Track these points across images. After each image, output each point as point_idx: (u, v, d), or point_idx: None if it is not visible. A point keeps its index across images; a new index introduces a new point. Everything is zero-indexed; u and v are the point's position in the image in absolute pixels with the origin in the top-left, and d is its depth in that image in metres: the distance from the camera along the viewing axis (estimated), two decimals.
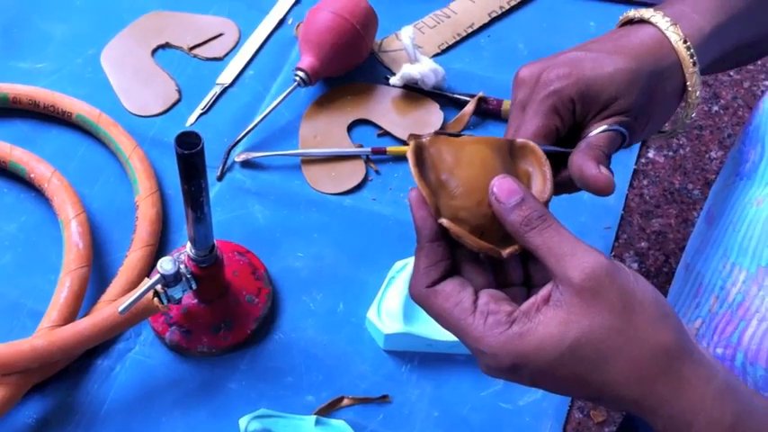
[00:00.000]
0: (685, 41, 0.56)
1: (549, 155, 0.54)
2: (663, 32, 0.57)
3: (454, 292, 0.48)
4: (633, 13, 0.59)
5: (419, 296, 0.49)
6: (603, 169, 0.54)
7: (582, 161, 0.54)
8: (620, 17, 0.60)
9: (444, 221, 0.48)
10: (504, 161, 0.51)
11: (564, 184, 0.57)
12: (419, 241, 0.49)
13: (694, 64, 0.57)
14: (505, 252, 0.49)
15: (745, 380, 0.57)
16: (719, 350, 0.59)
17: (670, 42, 0.56)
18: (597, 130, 0.55)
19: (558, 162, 0.56)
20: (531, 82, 0.57)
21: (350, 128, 0.87)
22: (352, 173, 0.84)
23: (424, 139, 0.50)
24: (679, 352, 0.45)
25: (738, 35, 0.60)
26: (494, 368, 0.47)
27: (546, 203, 0.50)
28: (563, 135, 0.56)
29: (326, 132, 0.86)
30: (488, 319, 0.46)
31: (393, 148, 0.85)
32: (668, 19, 0.57)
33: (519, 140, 0.52)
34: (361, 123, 0.88)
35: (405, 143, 0.86)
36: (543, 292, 0.47)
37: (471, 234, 0.48)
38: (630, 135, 0.57)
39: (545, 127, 0.55)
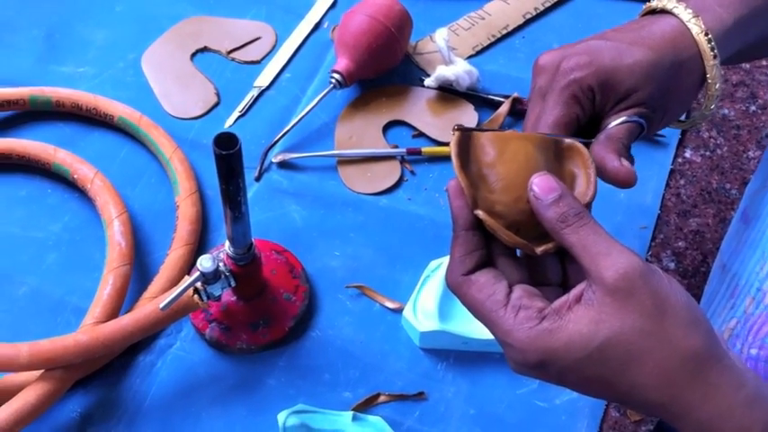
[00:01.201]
0: (707, 34, 0.56)
1: None
2: (684, 24, 0.56)
3: (488, 284, 0.48)
4: (656, 3, 0.59)
5: (454, 284, 0.49)
6: (625, 162, 0.54)
7: (603, 153, 0.54)
8: (644, 6, 0.60)
9: (480, 213, 0.48)
10: (548, 160, 0.51)
11: None
12: (455, 230, 0.49)
13: (715, 57, 0.56)
14: (539, 249, 0.49)
15: None
16: (754, 351, 0.59)
17: (691, 34, 0.56)
18: (616, 122, 0.55)
19: None
20: (551, 69, 0.57)
21: (385, 129, 0.88)
22: (388, 173, 0.85)
23: (469, 132, 0.50)
24: (709, 357, 0.45)
25: (761, 28, 0.59)
26: (521, 363, 0.47)
27: (588, 205, 0.50)
28: (583, 125, 0.57)
29: (362, 133, 0.87)
30: (520, 313, 0.46)
31: (428, 149, 0.85)
32: (690, 10, 0.57)
33: (566, 141, 0.52)
34: (397, 124, 0.89)
35: (439, 144, 0.87)
36: (576, 290, 0.46)
37: (507, 229, 0.49)
38: (648, 126, 0.57)
39: (566, 116, 0.55)
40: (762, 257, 0.61)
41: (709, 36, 0.56)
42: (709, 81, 0.57)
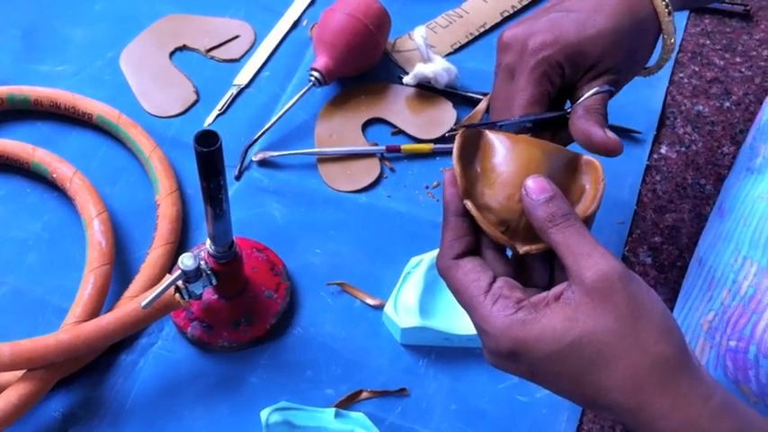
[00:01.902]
0: None
1: (545, 122, 0.56)
2: None
3: (474, 270, 0.49)
4: None
5: (443, 268, 0.50)
6: (609, 132, 0.56)
7: (586, 126, 0.56)
8: None
9: (467, 203, 0.49)
10: (557, 168, 0.52)
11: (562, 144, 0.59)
12: (445, 217, 0.51)
13: (669, 13, 0.59)
14: (522, 249, 0.50)
15: (757, 372, 0.58)
16: (732, 342, 0.59)
17: None
18: (589, 93, 0.58)
19: (557, 127, 0.59)
20: (516, 47, 0.59)
21: (364, 127, 0.88)
22: (368, 171, 0.85)
23: (481, 128, 0.52)
24: (679, 366, 0.45)
25: None
26: (494, 352, 0.48)
27: (587, 219, 0.51)
28: (553, 98, 0.59)
29: (342, 131, 0.88)
30: (498, 301, 0.48)
31: (407, 147, 0.86)
32: None
33: (585, 157, 0.54)
34: (376, 122, 0.89)
35: (418, 141, 0.87)
36: (557, 289, 0.47)
37: (496, 225, 0.50)
38: (616, 88, 0.60)
39: (538, 94, 0.57)
40: (736, 249, 0.62)
41: None
42: (665, 36, 0.60)
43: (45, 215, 0.81)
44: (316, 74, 0.87)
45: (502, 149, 0.51)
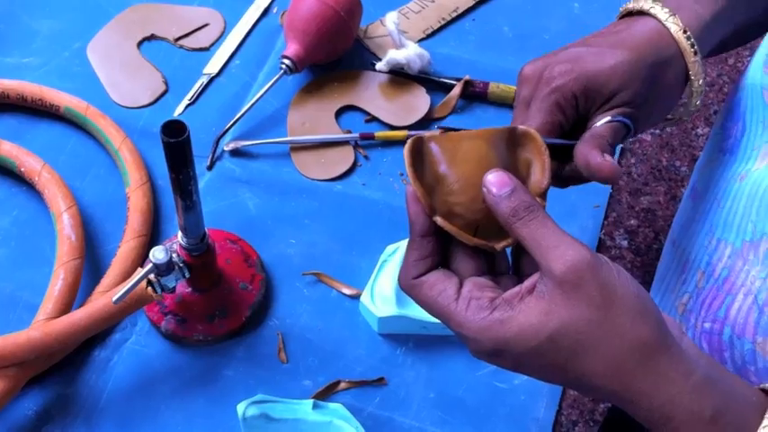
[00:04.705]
0: (685, 31, 0.57)
1: (557, 149, 0.55)
2: (662, 23, 0.57)
3: (439, 281, 0.49)
4: (632, 5, 0.59)
5: (407, 287, 0.50)
6: (608, 157, 0.54)
7: (587, 151, 0.55)
8: (620, 9, 0.61)
9: (438, 220, 0.49)
10: (501, 153, 0.51)
11: (572, 177, 0.58)
12: (411, 235, 0.50)
13: (696, 53, 0.57)
14: (499, 246, 0.50)
15: (732, 354, 0.58)
16: (707, 324, 0.60)
17: (670, 33, 0.57)
18: (601, 121, 0.56)
19: (566, 155, 0.57)
20: (534, 79, 0.57)
21: (338, 114, 0.88)
22: (342, 159, 0.84)
23: (420, 136, 0.51)
24: (657, 346, 0.45)
25: (738, 19, 0.60)
26: (478, 352, 0.48)
27: (543, 192, 0.51)
28: (567, 130, 0.57)
29: (315, 119, 0.87)
30: (471, 304, 0.47)
31: (381, 134, 0.85)
32: (667, 10, 0.57)
33: (520, 128, 0.53)
34: (349, 109, 0.88)
35: (392, 128, 0.87)
36: (529, 282, 0.47)
37: (467, 228, 0.49)
38: (635, 125, 0.58)
39: (549, 123, 0.56)
40: (710, 231, 0.62)
41: (688, 33, 0.57)
42: (692, 77, 0.58)
43: (14, 210, 0.80)
44: (287, 61, 0.86)
45: (447, 153, 0.50)
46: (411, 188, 0.49)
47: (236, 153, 0.84)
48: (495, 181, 0.48)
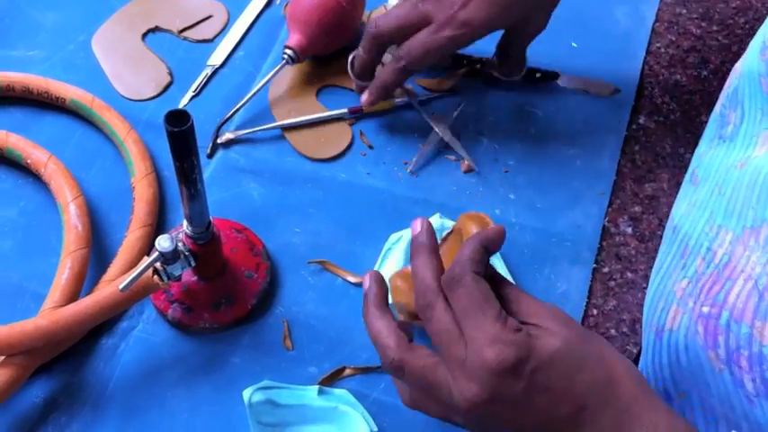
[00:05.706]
0: None
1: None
2: None
3: (421, 350, 0.56)
4: None
5: (399, 362, 0.56)
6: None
7: None
8: None
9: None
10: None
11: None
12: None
13: None
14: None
15: (727, 338, 0.58)
16: (705, 309, 0.60)
17: None
18: None
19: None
20: None
21: (320, 96, 0.89)
22: (340, 135, 0.85)
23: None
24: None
25: None
26: (491, 372, 0.51)
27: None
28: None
29: (299, 105, 0.87)
30: (495, 326, 0.52)
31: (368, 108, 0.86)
32: None
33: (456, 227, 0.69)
34: (329, 88, 0.89)
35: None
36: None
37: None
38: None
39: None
40: (711, 218, 0.62)
41: None
42: None
43: (20, 201, 0.80)
44: (289, 52, 0.86)
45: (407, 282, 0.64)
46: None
47: (239, 142, 0.85)
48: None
